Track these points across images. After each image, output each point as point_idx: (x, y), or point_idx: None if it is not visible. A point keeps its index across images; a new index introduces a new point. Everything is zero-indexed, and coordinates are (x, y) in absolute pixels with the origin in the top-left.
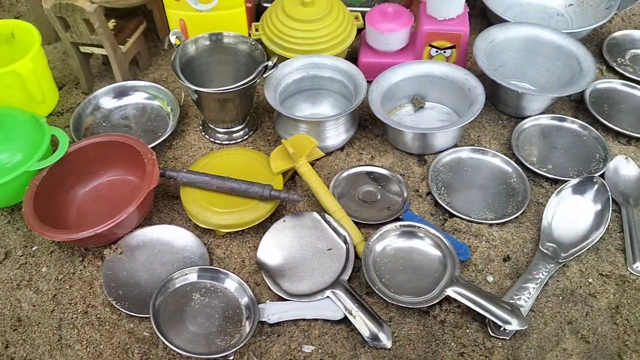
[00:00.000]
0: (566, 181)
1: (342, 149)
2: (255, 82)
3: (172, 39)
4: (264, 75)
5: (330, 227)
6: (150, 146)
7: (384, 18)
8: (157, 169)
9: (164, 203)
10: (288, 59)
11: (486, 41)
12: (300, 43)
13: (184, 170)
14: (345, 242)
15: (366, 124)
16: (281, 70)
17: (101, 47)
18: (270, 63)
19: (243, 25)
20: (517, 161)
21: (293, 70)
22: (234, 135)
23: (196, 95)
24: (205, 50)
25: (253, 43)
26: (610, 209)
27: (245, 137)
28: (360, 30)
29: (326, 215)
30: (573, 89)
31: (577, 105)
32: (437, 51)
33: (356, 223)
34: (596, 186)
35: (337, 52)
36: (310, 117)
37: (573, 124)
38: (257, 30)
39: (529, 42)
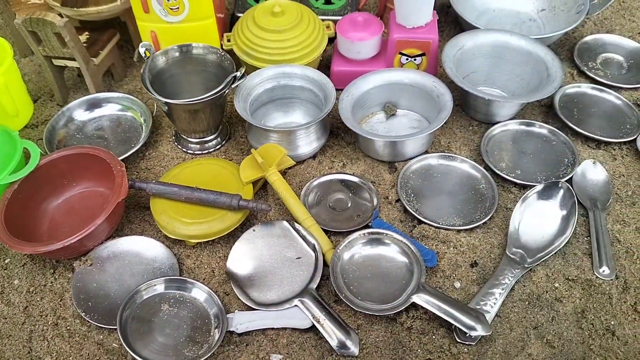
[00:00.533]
0: (534, 186)
1: (314, 157)
2: (224, 92)
3: (142, 51)
4: (233, 86)
5: (299, 235)
6: (122, 157)
7: (354, 27)
8: (126, 181)
9: (135, 214)
10: (259, 68)
11: (455, 48)
12: (271, 53)
13: (153, 182)
14: (314, 250)
15: (338, 132)
16: (252, 80)
17: (74, 60)
18: (238, 74)
19: (214, 36)
20: (487, 167)
21: (264, 80)
22: (207, 144)
23: (166, 107)
24: (175, 61)
25: (222, 54)
26: (577, 213)
27: (217, 147)
28: (332, 39)
29: (296, 224)
30: (540, 94)
31: (547, 110)
32: (407, 59)
33: (326, 231)
34: (562, 191)
35: (309, 61)
36: (279, 127)
37: (542, 128)
38: (228, 40)
39: (498, 48)
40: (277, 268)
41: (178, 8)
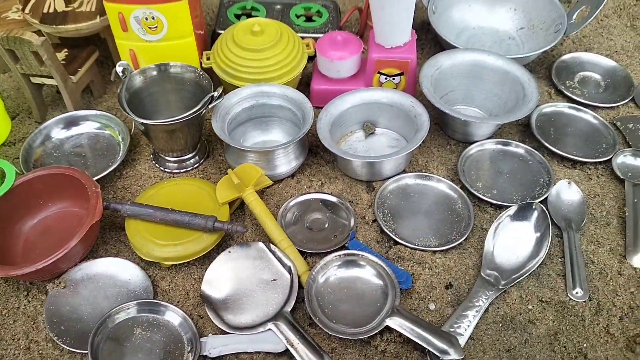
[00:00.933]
0: (509, 207)
1: (292, 176)
2: (201, 112)
3: (119, 70)
4: (210, 106)
5: (275, 257)
6: (99, 177)
7: (333, 46)
8: (100, 203)
9: (110, 234)
10: (238, 87)
11: (433, 68)
12: (250, 72)
13: (129, 203)
14: (290, 272)
15: (317, 150)
16: (230, 99)
17: (52, 77)
18: (216, 93)
19: (194, 54)
20: (463, 187)
21: (242, 99)
22: (185, 163)
23: (143, 127)
24: (152, 80)
25: (200, 72)
26: (551, 234)
27: (196, 165)
28: (313, 57)
29: (272, 245)
30: (515, 115)
31: (524, 129)
32: (386, 78)
33: (303, 252)
34: (536, 212)
35: (288, 80)
36: (256, 148)
37: (518, 148)
38: (208, 58)
39: (476, 67)
40: (252, 290)
41: (156, 27)
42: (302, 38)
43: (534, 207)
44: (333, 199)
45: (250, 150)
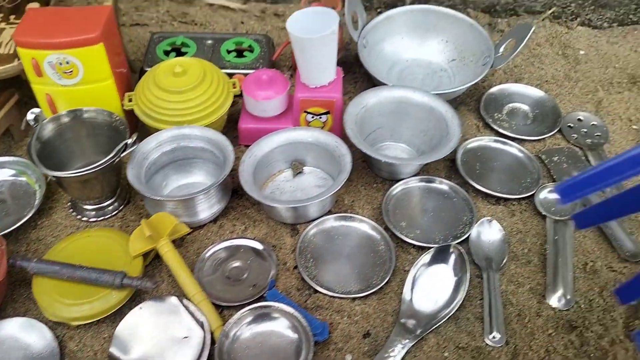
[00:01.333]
0: (430, 248)
1: (215, 220)
2: (114, 161)
3: (30, 118)
4: (124, 154)
5: (188, 312)
6: (11, 229)
7: (259, 85)
8: (4, 261)
9: (20, 291)
10: (159, 130)
11: (359, 106)
12: (172, 114)
13: (35, 260)
14: (202, 328)
15: (242, 192)
16: (149, 143)
17: None
18: (130, 140)
19: (114, 97)
20: (387, 227)
21: (162, 143)
22: (104, 210)
23: (55, 178)
24: (66, 127)
25: (116, 117)
26: (469, 276)
27: (115, 212)
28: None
29: (184, 300)
30: (436, 155)
31: (451, 164)
32: (313, 117)
33: (219, 305)
34: (453, 255)
35: (212, 121)
36: (169, 197)
37: (442, 184)
38: (130, 100)
39: (402, 104)
40: (162, 349)
41: (72, 72)
42: (232, 75)
43: (451, 250)
44: (255, 244)
45: (165, 200)
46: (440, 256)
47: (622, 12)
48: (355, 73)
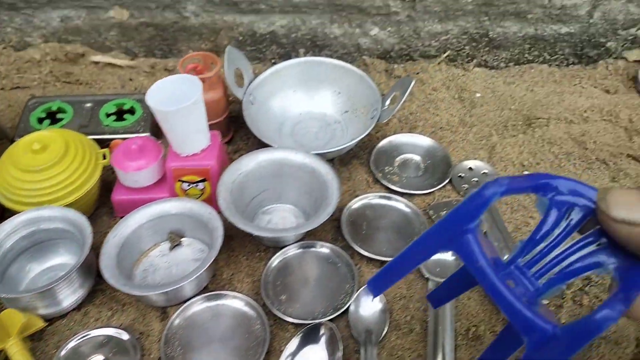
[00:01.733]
0: (307, 325)
1: (79, 307)
2: None
3: None
4: None
5: None
6: None
7: (128, 156)
8: None
9: None
10: (20, 212)
11: (236, 173)
12: (32, 195)
13: None
14: None
15: None
16: (2, 230)
17: None
18: None
19: None
20: (264, 303)
21: (18, 227)
22: None
23: None
24: None
25: None
26: (341, 353)
27: None
28: None
29: None
30: (310, 224)
31: (338, 225)
32: (189, 185)
33: None
34: (324, 336)
35: (77, 197)
36: (15, 294)
37: (323, 248)
38: None
39: (284, 166)
40: None
41: None
42: (111, 140)
43: (321, 330)
44: (119, 334)
45: (13, 297)
46: (311, 336)
47: (517, 52)
48: (248, 128)
